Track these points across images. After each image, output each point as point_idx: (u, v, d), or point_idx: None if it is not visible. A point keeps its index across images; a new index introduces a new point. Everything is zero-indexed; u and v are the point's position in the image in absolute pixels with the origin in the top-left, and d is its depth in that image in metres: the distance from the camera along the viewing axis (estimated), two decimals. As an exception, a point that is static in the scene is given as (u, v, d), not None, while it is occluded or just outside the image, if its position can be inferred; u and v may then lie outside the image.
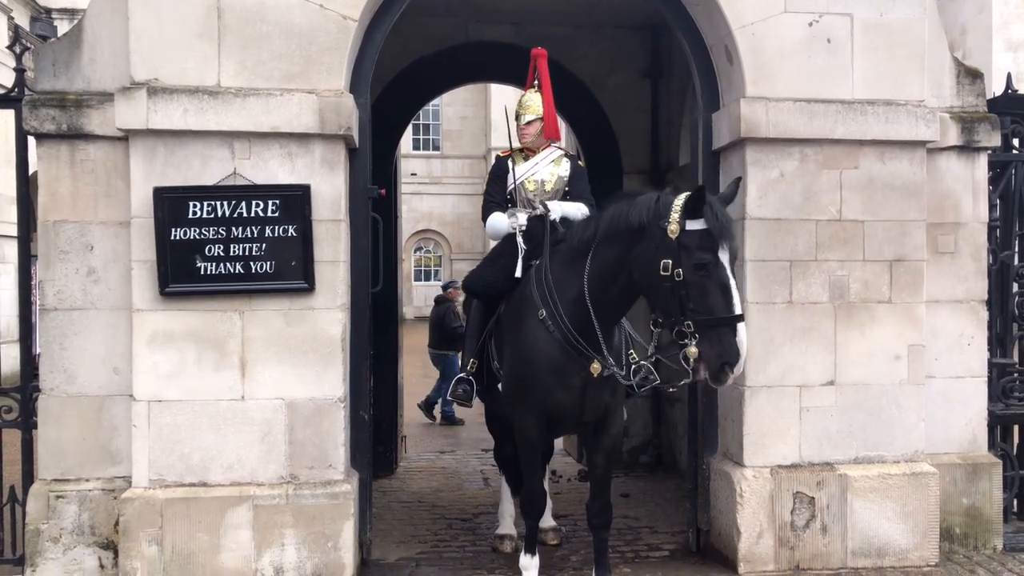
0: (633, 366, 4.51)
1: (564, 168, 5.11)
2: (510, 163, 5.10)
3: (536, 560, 4.71)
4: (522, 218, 4.90)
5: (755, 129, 4.86)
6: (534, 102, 5.11)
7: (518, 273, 4.76)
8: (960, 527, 5.29)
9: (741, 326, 3.76)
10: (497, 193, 5.12)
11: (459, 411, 10.12)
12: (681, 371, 3.92)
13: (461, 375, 4.98)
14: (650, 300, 4.07)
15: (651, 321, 4.13)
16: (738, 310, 3.77)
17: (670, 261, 3.81)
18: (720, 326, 3.74)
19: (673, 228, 3.81)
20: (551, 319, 4.31)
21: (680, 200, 3.86)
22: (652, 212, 3.93)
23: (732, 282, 3.78)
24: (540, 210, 4.86)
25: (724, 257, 3.78)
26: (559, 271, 4.39)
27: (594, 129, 7.77)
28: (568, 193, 5.09)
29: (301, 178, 4.58)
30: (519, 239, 4.86)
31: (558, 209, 4.85)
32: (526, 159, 5.12)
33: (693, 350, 3.76)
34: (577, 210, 4.90)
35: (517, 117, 5.16)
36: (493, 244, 5.26)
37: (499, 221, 5.03)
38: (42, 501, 4.62)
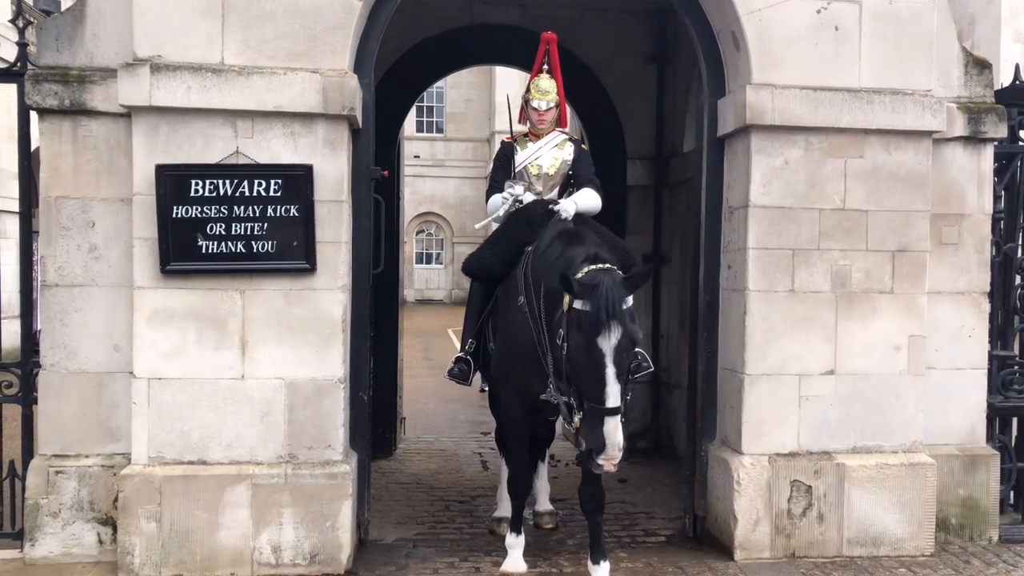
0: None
1: (568, 151, 5.10)
2: (515, 148, 5.09)
3: (522, 539, 4.74)
4: (518, 189, 4.88)
5: (760, 116, 4.83)
6: (553, 89, 5.07)
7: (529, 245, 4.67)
8: (956, 518, 5.30)
9: (609, 419, 3.60)
10: (501, 179, 5.12)
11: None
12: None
13: (459, 354, 5.06)
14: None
15: None
16: (611, 403, 3.60)
17: (563, 332, 3.81)
18: (590, 411, 3.68)
19: (566, 302, 3.78)
20: (527, 307, 4.34)
21: (580, 274, 3.78)
22: (562, 280, 3.78)
23: (608, 370, 3.61)
24: (547, 197, 4.82)
25: (606, 343, 3.62)
26: (541, 266, 4.37)
27: (598, 114, 7.74)
28: (571, 176, 5.08)
29: (303, 158, 4.56)
30: (504, 205, 4.84)
31: (571, 208, 4.75)
32: (531, 143, 5.11)
33: (577, 422, 3.77)
34: (588, 201, 4.89)
35: (528, 101, 5.11)
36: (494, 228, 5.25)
37: (495, 201, 5.03)
38: (42, 476, 4.64)
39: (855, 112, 4.89)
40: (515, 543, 4.73)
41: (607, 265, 3.86)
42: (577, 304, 3.71)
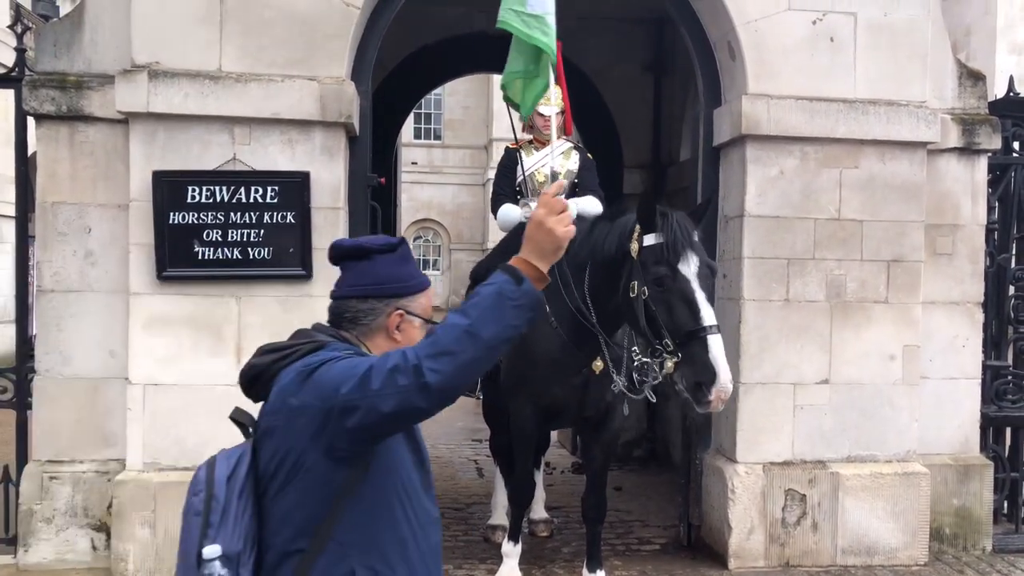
0: (636, 364, 4.47)
1: (573, 160, 5.09)
2: (520, 155, 5.07)
3: (518, 548, 4.72)
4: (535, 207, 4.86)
5: (756, 126, 4.85)
6: (558, 95, 5.05)
7: None
8: (950, 527, 5.31)
9: (712, 339, 3.46)
10: (506, 186, 5.10)
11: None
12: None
13: None
14: (631, 326, 3.97)
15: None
16: (707, 321, 3.49)
17: (636, 282, 3.70)
18: (689, 342, 3.52)
19: (634, 247, 3.73)
20: (555, 316, 4.30)
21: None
22: (621, 237, 3.82)
23: (698, 294, 3.55)
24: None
25: (687, 269, 3.60)
26: (563, 270, 4.36)
27: (596, 122, 7.75)
28: (577, 185, 5.07)
29: (301, 165, 4.57)
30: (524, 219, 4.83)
31: (573, 207, 4.77)
32: (536, 151, 5.10)
33: (669, 364, 3.59)
34: (589, 204, 4.87)
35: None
36: (502, 236, 5.22)
37: (510, 212, 4.98)
38: (36, 482, 4.63)
39: (850, 122, 4.91)
40: (512, 551, 4.71)
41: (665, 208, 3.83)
42: (649, 240, 3.68)
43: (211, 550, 1.77)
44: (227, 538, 1.79)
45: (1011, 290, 5.58)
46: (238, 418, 1.96)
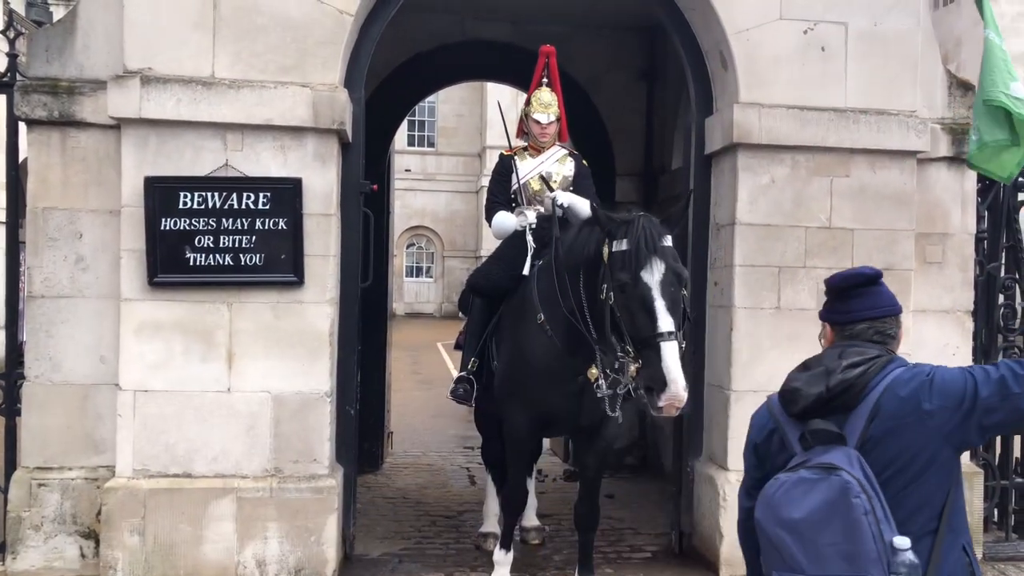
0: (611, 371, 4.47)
1: (568, 167, 5.07)
2: (514, 162, 5.05)
3: (510, 556, 4.73)
4: (531, 216, 4.85)
5: (747, 135, 4.87)
6: (555, 102, 5.01)
7: (526, 271, 4.68)
8: (941, 535, 5.31)
9: (666, 345, 3.39)
10: (500, 193, 5.06)
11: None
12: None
13: (462, 374, 4.93)
14: (600, 330, 3.92)
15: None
16: (663, 328, 3.43)
17: (605, 285, 3.71)
18: (645, 348, 3.48)
19: (604, 251, 3.74)
20: (549, 322, 4.30)
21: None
22: (599, 241, 3.83)
23: (657, 301, 3.49)
24: (548, 203, 4.77)
25: (650, 276, 3.55)
26: (560, 275, 4.32)
27: (588, 130, 7.76)
28: (572, 192, 5.06)
29: (293, 171, 4.57)
30: (528, 237, 4.79)
31: (567, 198, 4.69)
32: (531, 157, 5.07)
33: (632, 368, 3.57)
34: (584, 204, 4.85)
35: (528, 115, 5.06)
36: (497, 243, 5.19)
37: (506, 219, 4.94)
38: (24, 489, 4.61)
39: (841, 131, 4.93)
40: (504, 560, 4.71)
41: (642, 213, 3.82)
42: (615, 247, 3.66)
43: (902, 540, 2.02)
44: (895, 529, 2.05)
45: (1000, 298, 5.62)
46: (828, 428, 2.20)
